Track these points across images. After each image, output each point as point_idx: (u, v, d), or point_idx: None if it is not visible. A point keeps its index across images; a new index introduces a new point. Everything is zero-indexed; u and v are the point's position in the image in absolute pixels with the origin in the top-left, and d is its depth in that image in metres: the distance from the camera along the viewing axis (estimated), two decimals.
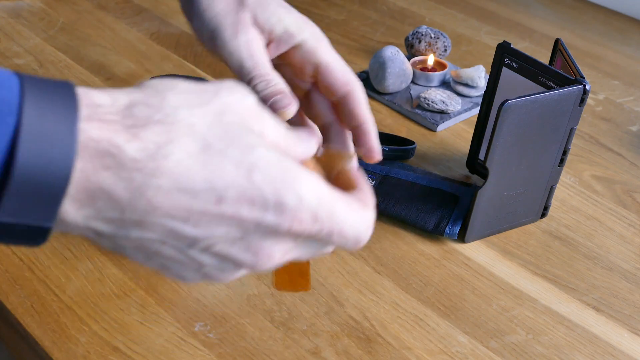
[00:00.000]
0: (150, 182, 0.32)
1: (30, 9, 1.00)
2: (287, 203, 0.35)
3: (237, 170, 0.34)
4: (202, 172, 0.33)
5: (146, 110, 0.33)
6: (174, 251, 0.36)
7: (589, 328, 0.59)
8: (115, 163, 0.32)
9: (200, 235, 0.35)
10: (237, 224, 0.35)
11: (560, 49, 0.67)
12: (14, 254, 0.61)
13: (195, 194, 0.33)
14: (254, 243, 0.36)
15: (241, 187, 0.34)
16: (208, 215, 0.34)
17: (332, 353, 0.55)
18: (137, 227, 0.34)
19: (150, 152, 0.32)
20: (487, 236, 0.67)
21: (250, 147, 0.35)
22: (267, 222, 0.35)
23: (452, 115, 0.82)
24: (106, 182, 0.32)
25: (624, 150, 0.81)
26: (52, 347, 0.53)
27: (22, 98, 0.30)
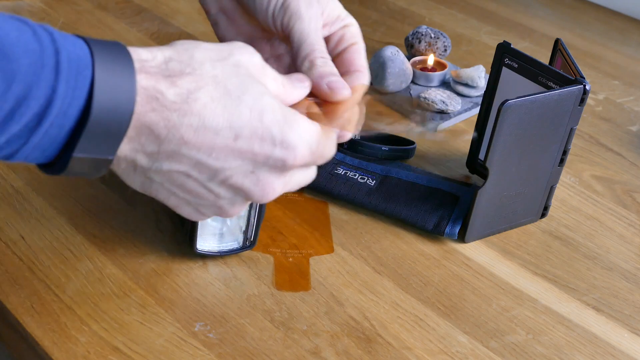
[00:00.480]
0: (183, 120, 0.40)
1: (30, 9, 1.00)
2: (291, 140, 0.43)
3: (251, 113, 0.42)
4: (223, 114, 0.41)
5: (179, 65, 0.41)
6: (196, 184, 0.43)
7: (589, 328, 0.59)
8: (159, 105, 0.39)
9: (220, 166, 0.42)
10: (250, 157, 0.42)
11: (560, 49, 0.67)
12: (14, 254, 0.61)
13: (217, 131, 0.41)
14: (262, 176, 0.44)
15: (254, 127, 0.42)
16: (227, 150, 0.41)
17: (332, 353, 0.55)
18: (169, 159, 0.41)
19: (184, 96, 0.39)
20: (487, 236, 0.67)
21: (261, 94, 0.42)
22: (274, 156, 0.43)
23: (452, 115, 0.82)
24: (152, 120, 0.39)
25: (624, 150, 0.81)
26: (52, 347, 0.53)
27: (92, 56, 0.37)
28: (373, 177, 0.70)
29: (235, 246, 0.61)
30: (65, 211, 0.65)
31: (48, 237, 0.62)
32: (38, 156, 0.39)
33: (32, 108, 0.36)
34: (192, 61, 0.41)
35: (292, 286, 0.60)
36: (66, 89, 0.36)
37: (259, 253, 0.63)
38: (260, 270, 0.61)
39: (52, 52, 0.36)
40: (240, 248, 0.61)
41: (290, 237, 0.65)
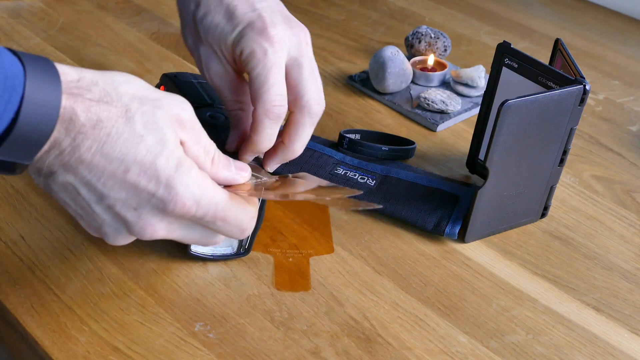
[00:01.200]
0: (85, 142, 0.43)
1: (30, 9, 1.00)
2: (174, 186, 0.45)
3: (147, 153, 0.45)
4: (121, 147, 0.44)
5: (100, 92, 0.44)
6: (85, 203, 0.46)
7: (589, 328, 0.59)
8: (72, 125, 0.42)
9: (107, 193, 0.45)
10: (135, 192, 0.45)
11: (560, 49, 0.67)
12: (14, 254, 0.61)
13: (110, 161, 0.44)
14: (144, 215, 0.46)
15: (145, 166, 0.45)
16: (115, 179, 0.45)
17: (332, 353, 0.55)
18: (66, 172, 0.44)
19: (93, 122, 0.43)
20: (487, 236, 0.67)
21: (164, 141, 0.45)
22: (157, 196, 0.45)
23: (452, 115, 0.82)
24: (62, 138, 0.43)
25: (624, 150, 0.81)
26: (52, 347, 0.53)
27: (25, 74, 0.40)
28: (373, 177, 0.70)
29: (229, 251, 0.61)
30: (65, 211, 0.65)
31: (48, 237, 0.62)
32: None
33: None
34: (114, 92, 0.44)
35: (292, 286, 0.60)
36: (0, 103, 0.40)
37: (259, 253, 0.63)
38: (260, 270, 0.61)
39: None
40: (234, 254, 0.61)
41: (290, 237, 0.65)
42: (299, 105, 0.55)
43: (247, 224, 0.50)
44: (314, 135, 0.76)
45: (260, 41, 0.53)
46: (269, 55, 0.53)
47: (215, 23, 0.55)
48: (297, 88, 0.55)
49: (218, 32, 0.54)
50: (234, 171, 0.51)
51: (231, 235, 0.51)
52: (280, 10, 0.56)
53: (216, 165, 0.50)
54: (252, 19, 0.54)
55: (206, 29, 0.55)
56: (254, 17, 0.54)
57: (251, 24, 0.54)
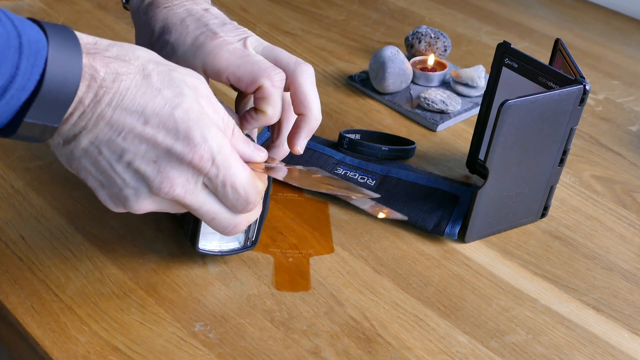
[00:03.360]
0: (105, 97, 0.44)
1: (30, 9, 1.00)
2: (193, 138, 0.46)
3: (165, 105, 0.46)
4: (140, 100, 0.45)
5: (117, 51, 0.45)
6: (107, 164, 0.47)
7: (589, 328, 0.59)
8: (93, 81, 0.44)
9: (127, 147, 0.46)
10: (154, 145, 0.46)
11: (560, 49, 0.67)
12: (14, 254, 0.61)
13: (130, 113, 0.45)
14: (163, 167, 0.47)
15: (164, 118, 0.45)
16: (134, 132, 0.45)
17: (332, 353, 0.55)
18: (87, 132, 0.45)
19: (112, 77, 0.44)
20: (487, 236, 0.67)
21: (182, 95, 0.46)
22: (175, 149, 0.46)
23: (452, 115, 0.82)
24: (84, 94, 0.44)
25: (624, 150, 0.81)
26: (52, 347, 0.53)
27: (47, 39, 0.42)
28: (373, 177, 0.70)
29: (236, 246, 0.61)
30: (65, 211, 0.65)
31: (48, 237, 0.62)
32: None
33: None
34: (130, 53, 0.46)
35: (292, 286, 0.60)
36: (26, 66, 0.41)
37: (259, 253, 0.63)
38: (260, 270, 0.61)
39: (15, 35, 0.41)
40: (242, 248, 0.61)
41: (290, 237, 0.65)
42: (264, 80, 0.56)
43: (253, 198, 0.50)
44: (314, 135, 0.76)
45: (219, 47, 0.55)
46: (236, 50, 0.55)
47: (165, 40, 0.57)
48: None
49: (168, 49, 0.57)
50: (252, 148, 0.51)
51: (234, 207, 0.50)
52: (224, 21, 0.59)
53: (236, 137, 0.50)
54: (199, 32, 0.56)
55: (160, 48, 0.57)
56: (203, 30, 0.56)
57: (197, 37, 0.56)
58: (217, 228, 0.52)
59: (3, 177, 0.68)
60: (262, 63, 0.55)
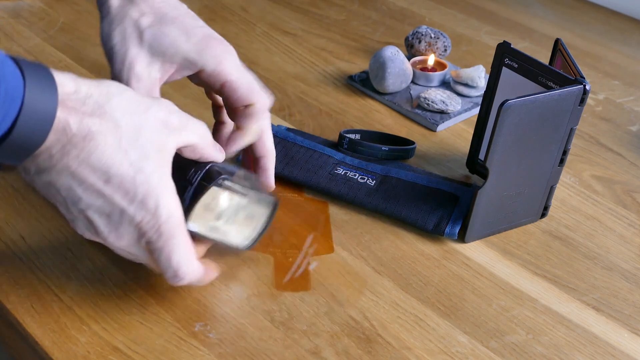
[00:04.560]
0: (73, 151, 0.46)
1: (30, 9, 1.00)
2: (147, 204, 0.48)
3: (129, 167, 0.47)
4: (105, 159, 0.47)
5: (94, 105, 0.46)
6: (63, 202, 0.49)
7: (589, 328, 0.59)
8: (64, 136, 0.45)
9: (84, 198, 0.48)
10: (110, 203, 0.48)
11: (560, 49, 0.67)
12: (14, 254, 0.61)
13: (94, 170, 0.47)
14: (114, 223, 0.49)
15: (125, 180, 0.47)
16: (94, 187, 0.47)
17: (332, 353, 0.55)
18: (49, 175, 0.47)
19: (84, 133, 0.46)
20: (487, 236, 0.67)
21: (147, 158, 0.48)
22: (128, 211, 0.48)
23: (452, 115, 0.82)
24: (52, 146, 0.45)
25: (624, 150, 0.81)
26: (52, 347, 0.53)
27: (24, 83, 0.43)
28: (373, 177, 0.70)
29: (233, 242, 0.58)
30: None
31: (48, 237, 0.62)
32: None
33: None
34: (107, 106, 0.47)
35: (292, 286, 0.60)
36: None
37: (259, 253, 0.63)
38: (260, 270, 0.61)
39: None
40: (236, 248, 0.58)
41: (290, 237, 0.65)
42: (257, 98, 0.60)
43: (183, 273, 0.52)
44: (314, 136, 0.76)
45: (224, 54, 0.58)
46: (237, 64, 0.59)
47: (165, 32, 0.57)
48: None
49: (168, 40, 0.57)
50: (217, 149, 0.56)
51: (164, 272, 0.52)
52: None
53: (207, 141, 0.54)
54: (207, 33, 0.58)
55: (154, 36, 0.57)
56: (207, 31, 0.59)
57: (208, 37, 0.58)
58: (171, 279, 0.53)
59: (3, 177, 0.68)
60: (256, 82, 0.59)
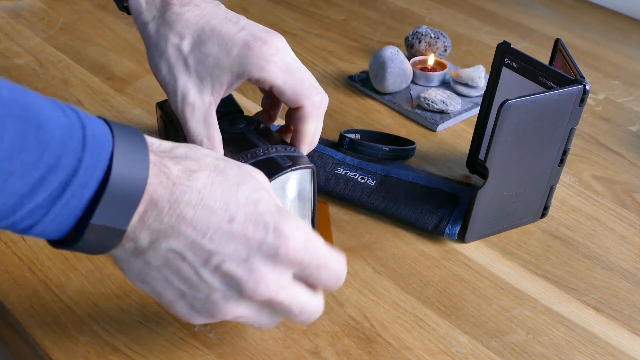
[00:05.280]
0: (184, 197, 0.41)
1: (30, 9, 1.00)
2: (283, 229, 0.43)
3: (247, 200, 0.43)
4: (221, 196, 0.43)
5: (184, 151, 0.44)
6: (191, 270, 0.43)
7: (589, 328, 0.59)
8: (166, 179, 0.41)
9: (215, 249, 0.42)
10: (244, 242, 0.43)
11: (560, 49, 0.67)
12: (14, 254, 0.61)
13: (214, 212, 0.42)
14: (255, 265, 0.43)
15: (249, 212, 0.43)
16: (221, 231, 0.42)
17: (332, 353, 0.55)
18: (167, 237, 0.42)
19: (187, 174, 0.42)
20: (487, 236, 0.67)
21: (258, 189, 0.45)
22: (268, 242, 0.43)
23: (452, 115, 0.82)
24: (158, 194, 0.41)
25: (624, 150, 0.81)
26: (52, 347, 0.53)
27: (112, 134, 0.40)
28: (373, 177, 0.70)
29: None
30: None
31: None
32: (54, 229, 0.40)
33: (60, 176, 0.38)
34: (196, 152, 0.45)
35: None
36: (90, 160, 0.39)
37: None
38: None
39: (79, 127, 0.39)
40: None
41: None
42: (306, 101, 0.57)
43: (342, 272, 0.48)
44: None
45: (267, 57, 0.55)
46: (283, 64, 0.56)
47: (206, 53, 0.55)
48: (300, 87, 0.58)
49: (211, 60, 0.55)
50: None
51: (327, 285, 0.47)
52: (253, 22, 0.58)
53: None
54: (245, 39, 0.55)
55: (197, 60, 0.55)
56: (245, 36, 0.55)
57: (247, 44, 0.55)
58: (303, 318, 0.48)
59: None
60: (306, 81, 0.56)
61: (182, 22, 0.56)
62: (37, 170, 0.37)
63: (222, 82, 0.55)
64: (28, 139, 0.37)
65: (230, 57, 0.55)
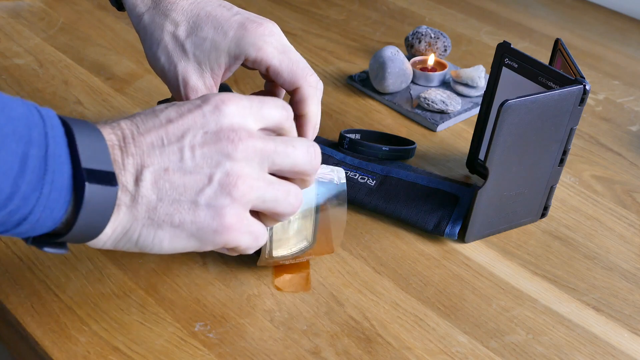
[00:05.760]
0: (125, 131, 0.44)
1: (30, 9, 1.00)
2: (209, 97, 0.46)
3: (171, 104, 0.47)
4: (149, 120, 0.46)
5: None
6: (178, 173, 0.44)
7: (589, 328, 0.59)
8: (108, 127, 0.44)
9: (180, 134, 0.44)
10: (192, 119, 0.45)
11: (560, 49, 0.67)
12: (14, 254, 0.61)
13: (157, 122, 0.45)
14: (217, 127, 0.45)
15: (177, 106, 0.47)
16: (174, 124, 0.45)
17: (332, 353, 0.55)
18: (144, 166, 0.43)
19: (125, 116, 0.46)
20: (487, 236, 0.67)
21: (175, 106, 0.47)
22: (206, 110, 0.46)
23: (452, 115, 0.82)
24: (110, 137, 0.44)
25: (624, 150, 0.81)
26: (52, 347, 0.53)
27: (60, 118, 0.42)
28: (373, 177, 0.70)
29: (305, 244, 0.59)
30: None
31: None
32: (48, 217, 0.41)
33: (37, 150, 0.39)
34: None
35: (292, 286, 0.60)
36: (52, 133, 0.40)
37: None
38: (260, 270, 0.61)
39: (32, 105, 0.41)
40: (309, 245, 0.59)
41: None
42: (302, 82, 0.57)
43: (285, 105, 0.50)
44: None
45: (263, 38, 0.56)
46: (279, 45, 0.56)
47: (202, 36, 0.56)
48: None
49: (208, 44, 0.56)
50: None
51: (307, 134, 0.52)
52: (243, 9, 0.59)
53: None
54: (240, 21, 0.56)
55: (195, 44, 0.56)
56: (240, 19, 0.56)
57: (242, 25, 0.56)
58: (290, 204, 0.48)
59: None
60: (301, 62, 0.57)
61: (177, 10, 0.57)
62: (19, 145, 0.39)
63: (220, 64, 0.57)
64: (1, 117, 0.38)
65: (226, 38, 0.56)
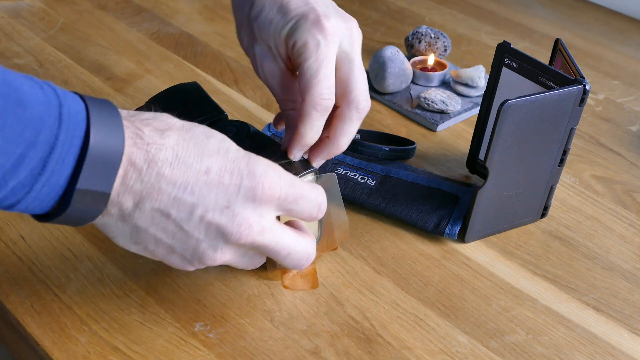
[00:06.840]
0: (159, 154, 0.43)
1: (30, 9, 1.00)
2: (256, 171, 0.46)
3: (218, 150, 0.46)
4: (193, 150, 0.44)
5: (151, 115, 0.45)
6: (176, 227, 0.45)
7: (589, 328, 0.59)
8: (140, 140, 0.43)
9: (196, 201, 0.44)
10: (223, 190, 0.45)
11: (560, 49, 0.67)
12: (14, 254, 0.61)
13: (189, 166, 0.44)
14: (237, 210, 0.45)
15: (222, 161, 0.45)
16: (200, 183, 0.44)
17: (332, 353, 0.55)
18: (150, 198, 0.43)
19: (159, 133, 0.44)
20: (487, 236, 0.67)
21: (224, 139, 0.47)
22: (244, 185, 0.45)
23: (452, 115, 0.82)
24: (135, 155, 0.42)
25: (624, 150, 0.81)
26: (52, 347, 0.53)
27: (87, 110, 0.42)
28: (373, 177, 0.70)
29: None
30: None
31: (48, 237, 0.62)
32: (36, 207, 0.42)
33: (39, 153, 0.39)
34: (161, 115, 0.46)
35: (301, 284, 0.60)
36: (65, 137, 0.40)
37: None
38: (260, 270, 0.61)
39: (57, 105, 0.40)
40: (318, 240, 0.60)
41: None
42: (347, 100, 0.56)
43: (321, 199, 0.50)
44: None
45: (313, 32, 0.54)
46: (322, 48, 0.53)
47: (269, 19, 0.55)
48: (346, 83, 0.56)
49: (272, 27, 0.55)
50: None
51: (310, 213, 0.50)
52: (332, 4, 0.58)
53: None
54: (306, 12, 0.55)
55: (260, 26, 0.56)
56: (307, 10, 0.55)
57: (304, 16, 0.54)
58: (293, 262, 0.51)
59: None
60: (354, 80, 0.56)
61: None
62: (18, 147, 0.39)
63: (282, 47, 0.55)
64: (8, 115, 0.38)
65: (287, 24, 0.55)
